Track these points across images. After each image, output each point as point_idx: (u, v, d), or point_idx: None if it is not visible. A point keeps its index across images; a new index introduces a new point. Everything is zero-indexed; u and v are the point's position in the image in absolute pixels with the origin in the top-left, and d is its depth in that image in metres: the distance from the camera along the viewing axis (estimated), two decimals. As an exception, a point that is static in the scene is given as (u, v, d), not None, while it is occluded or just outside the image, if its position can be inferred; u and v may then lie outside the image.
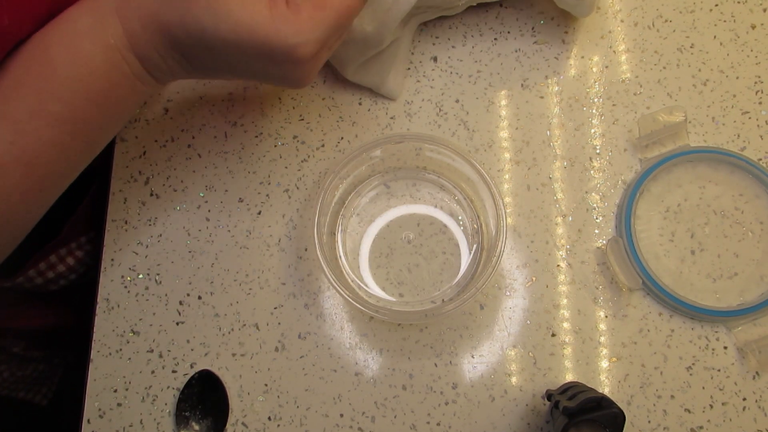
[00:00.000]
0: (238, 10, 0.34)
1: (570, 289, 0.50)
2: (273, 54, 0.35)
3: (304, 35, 0.35)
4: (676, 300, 0.48)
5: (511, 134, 0.54)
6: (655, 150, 0.52)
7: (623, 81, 0.55)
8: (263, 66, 0.37)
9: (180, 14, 0.35)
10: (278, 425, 0.48)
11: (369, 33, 0.47)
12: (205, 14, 0.34)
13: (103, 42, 0.36)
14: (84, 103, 0.37)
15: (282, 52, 0.35)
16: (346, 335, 0.50)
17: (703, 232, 0.51)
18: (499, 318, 0.50)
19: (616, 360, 0.49)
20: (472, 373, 0.49)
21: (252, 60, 0.37)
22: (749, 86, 0.54)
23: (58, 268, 0.56)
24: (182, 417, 0.48)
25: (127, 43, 0.36)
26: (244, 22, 0.34)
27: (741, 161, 0.51)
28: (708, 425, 0.47)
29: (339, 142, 0.54)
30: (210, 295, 0.51)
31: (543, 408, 0.48)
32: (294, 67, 0.37)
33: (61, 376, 0.76)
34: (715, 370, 0.48)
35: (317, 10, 0.35)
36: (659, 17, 0.56)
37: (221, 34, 0.35)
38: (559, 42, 0.56)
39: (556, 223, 0.52)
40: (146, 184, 0.54)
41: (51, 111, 0.36)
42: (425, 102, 0.55)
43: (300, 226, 0.52)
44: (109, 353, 0.50)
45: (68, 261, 0.57)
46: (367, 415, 0.48)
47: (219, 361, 0.50)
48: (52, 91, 0.36)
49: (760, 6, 0.56)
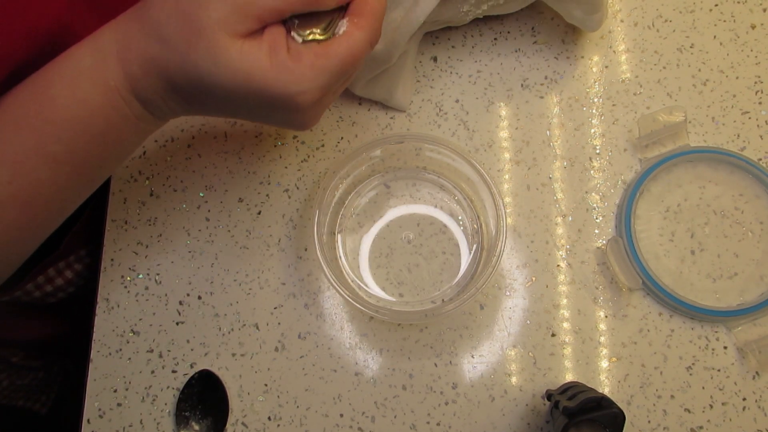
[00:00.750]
0: (237, 58, 0.33)
1: (570, 289, 0.50)
2: (273, 101, 0.35)
3: (305, 84, 0.34)
4: (676, 300, 0.48)
5: (511, 134, 0.54)
6: (655, 150, 0.52)
7: (623, 81, 0.55)
8: (265, 111, 0.37)
9: (179, 60, 0.34)
10: (278, 425, 0.48)
11: (378, 51, 0.47)
12: (205, 61, 0.33)
13: (104, 84, 0.36)
14: (83, 144, 0.37)
15: (282, 100, 0.35)
16: (346, 335, 0.50)
17: (703, 232, 0.51)
18: (499, 318, 0.50)
19: (616, 360, 0.49)
20: (472, 373, 0.49)
21: (253, 106, 0.36)
22: (749, 86, 0.54)
23: (57, 282, 0.56)
24: (182, 417, 0.48)
25: (128, 85, 0.36)
26: (243, 70, 0.33)
27: (741, 161, 0.51)
28: (708, 425, 0.47)
29: (339, 142, 0.54)
30: (210, 295, 0.51)
31: (543, 408, 0.48)
32: (296, 114, 0.36)
33: (61, 384, 0.75)
34: (715, 370, 0.48)
35: (319, 58, 0.34)
36: (659, 17, 0.56)
37: (221, 81, 0.34)
38: (559, 42, 0.56)
39: (556, 223, 0.52)
40: (146, 184, 0.54)
41: (50, 151, 0.36)
42: (425, 102, 0.55)
43: (300, 226, 0.52)
44: (109, 353, 0.50)
45: (67, 274, 0.56)
46: (367, 415, 0.48)
47: (219, 361, 0.50)
48: (51, 132, 0.36)
49: (760, 6, 0.56)
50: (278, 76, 0.34)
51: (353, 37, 0.35)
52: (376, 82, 0.52)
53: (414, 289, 0.50)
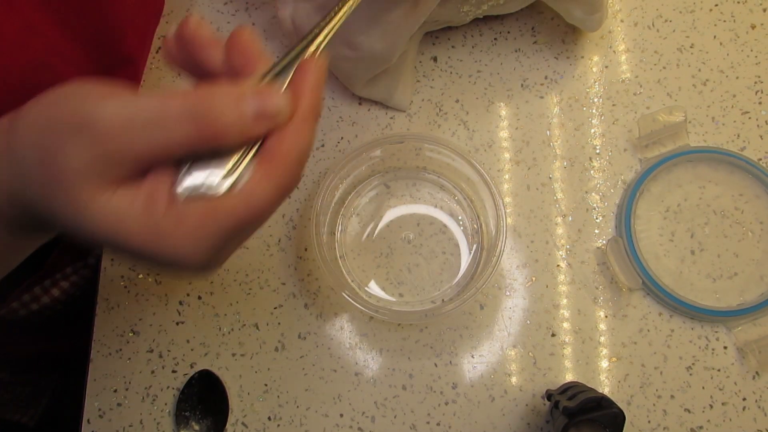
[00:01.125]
0: (100, 217, 0.26)
1: (570, 289, 0.50)
2: (150, 264, 0.28)
3: (184, 252, 0.26)
4: (676, 300, 0.48)
5: (511, 134, 0.54)
6: (655, 150, 0.52)
7: (623, 81, 0.55)
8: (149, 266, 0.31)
9: (40, 204, 0.28)
10: (278, 425, 0.48)
11: (378, 51, 0.47)
12: (64, 215, 0.27)
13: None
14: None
15: (159, 265, 0.28)
16: (346, 335, 0.50)
17: (703, 232, 0.51)
18: (499, 318, 0.50)
19: (616, 360, 0.49)
20: (472, 373, 0.49)
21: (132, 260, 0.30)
22: (749, 86, 0.54)
23: (43, 300, 0.55)
24: (182, 417, 0.48)
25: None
26: (107, 231, 0.26)
27: (741, 161, 0.51)
28: (708, 425, 0.47)
29: (339, 142, 0.54)
30: (210, 295, 0.51)
31: (543, 408, 0.48)
32: (183, 274, 0.31)
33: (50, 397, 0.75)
34: (715, 370, 0.48)
35: (207, 220, 0.26)
36: (659, 17, 0.56)
37: (85, 237, 0.28)
38: (559, 42, 0.56)
39: (556, 223, 0.52)
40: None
41: None
42: (425, 102, 0.55)
43: (300, 226, 0.52)
44: (109, 353, 0.50)
45: (53, 292, 0.55)
46: (367, 415, 0.48)
47: (219, 361, 0.50)
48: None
49: (760, 6, 0.56)
50: (150, 241, 0.26)
51: (257, 191, 0.27)
52: (376, 82, 0.52)
53: (414, 289, 0.50)
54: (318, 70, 0.29)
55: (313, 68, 0.29)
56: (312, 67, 0.29)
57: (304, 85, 0.28)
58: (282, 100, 0.27)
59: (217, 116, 0.26)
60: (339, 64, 0.51)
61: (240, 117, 0.26)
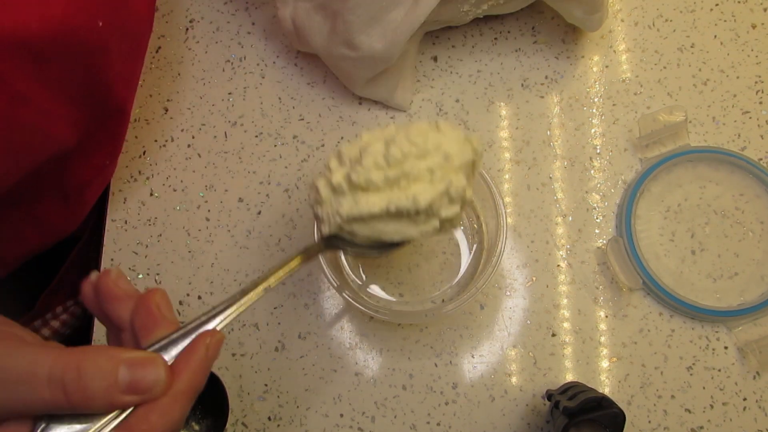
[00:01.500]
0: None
1: (570, 289, 0.50)
2: None
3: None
4: (677, 300, 0.48)
5: (511, 134, 0.54)
6: (655, 150, 0.52)
7: (623, 81, 0.55)
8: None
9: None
10: (278, 425, 0.48)
11: (378, 50, 0.47)
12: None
13: None
14: None
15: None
16: (346, 335, 0.50)
17: (703, 232, 0.51)
18: (499, 318, 0.50)
19: (616, 360, 0.49)
20: (472, 373, 0.49)
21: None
22: (749, 86, 0.54)
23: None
24: (182, 417, 0.48)
25: None
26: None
27: (741, 161, 0.51)
28: (708, 425, 0.47)
29: (339, 142, 0.54)
30: (210, 295, 0.51)
31: (543, 408, 0.48)
32: None
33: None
34: (716, 370, 0.48)
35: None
36: (659, 17, 0.56)
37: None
38: (560, 42, 0.56)
39: (556, 223, 0.52)
40: (146, 184, 0.54)
41: None
42: (425, 102, 0.55)
43: (300, 226, 0.52)
44: (109, 353, 0.50)
45: (43, 332, 0.55)
46: (367, 415, 0.48)
47: (219, 361, 0.50)
48: None
49: (761, 6, 0.56)
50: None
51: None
52: (376, 82, 0.52)
53: (414, 289, 0.50)
54: (209, 348, 0.28)
55: (202, 346, 0.28)
56: (201, 345, 0.28)
57: (189, 362, 0.28)
58: (158, 374, 0.26)
59: (87, 383, 0.25)
60: (339, 64, 0.51)
61: (111, 386, 0.25)
